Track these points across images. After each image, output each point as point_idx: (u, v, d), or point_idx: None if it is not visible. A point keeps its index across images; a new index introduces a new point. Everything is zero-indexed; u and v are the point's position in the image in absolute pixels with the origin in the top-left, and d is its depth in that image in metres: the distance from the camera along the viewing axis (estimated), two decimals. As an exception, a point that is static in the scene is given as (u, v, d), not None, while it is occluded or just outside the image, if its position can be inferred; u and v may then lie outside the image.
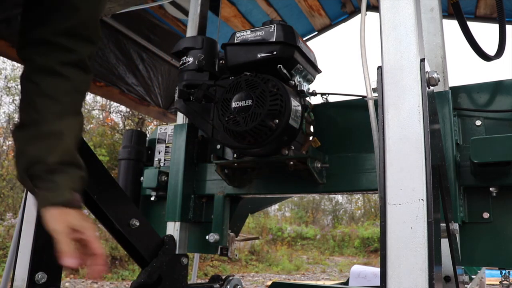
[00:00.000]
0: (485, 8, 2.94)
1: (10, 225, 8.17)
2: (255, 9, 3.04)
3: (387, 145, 0.83)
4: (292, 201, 17.64)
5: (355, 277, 4.81)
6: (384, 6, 0.91)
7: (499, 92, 1.33)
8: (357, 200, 17.91)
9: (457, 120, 1.33)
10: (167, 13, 2.92)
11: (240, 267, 10.47)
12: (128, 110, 11.59)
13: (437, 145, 0.98)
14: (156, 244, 1.53)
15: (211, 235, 1.63)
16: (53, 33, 1.05)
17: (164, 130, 1.93)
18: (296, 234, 14.86)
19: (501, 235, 1.22)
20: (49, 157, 1.01)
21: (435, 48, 1.41)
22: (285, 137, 1.34)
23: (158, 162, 1.88)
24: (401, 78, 0.85)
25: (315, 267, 11.86)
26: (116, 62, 2.81)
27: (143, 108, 3.13)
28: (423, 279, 0.74)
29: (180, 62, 1.60)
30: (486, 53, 1.52)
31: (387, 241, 0.78)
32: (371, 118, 1.04)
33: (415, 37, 0.86)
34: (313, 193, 1.67)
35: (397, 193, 0.79)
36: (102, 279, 7.37)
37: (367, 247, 14.03)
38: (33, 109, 1.04)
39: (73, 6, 1.05)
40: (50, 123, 1.04)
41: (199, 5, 1.96)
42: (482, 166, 1.15)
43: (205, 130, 1.48)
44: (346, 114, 1.55)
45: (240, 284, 1.54)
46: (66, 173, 1.02)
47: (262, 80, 1.30)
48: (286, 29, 1.40)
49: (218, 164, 1.53)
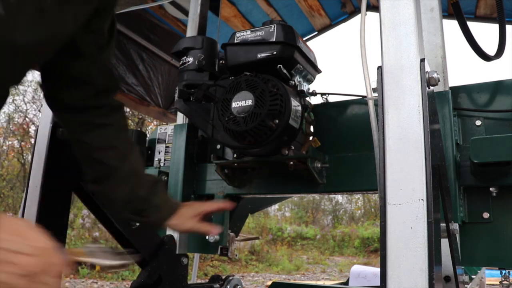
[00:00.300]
0: (485, 8, 2.94)
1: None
2: (255, 9, 3.04)
3: (387, 145, 0.83)
4: (292, 201, 17.63)
5: (355, 277, 4.81)
6: (384, 6, 0.91)
7: (499, 92, 1.33)
8: (357, 200, 17.91)
9: (457, 120, 1.33)
10: (167, 13, 2.92)
11: (240, 267, 10.47)
12: (128, 110, 11.58)
13: (437, 145, 0.98)
14: (156, 244, 1.53)
15: (211, 235, 1.63)
16: (82, 98, 1.12)
17: (164, 130, 1.93)
18: (296, 234, 14.85)
19: (501, 235, 1.22)
20: (139, 193, 1.17)
21: (435, 48, 1.41)
22: (285, 137, 1.34)
23: (158, 162, 1.88)
24: (401, 78, 0.85)
25: (315, 267, 11.86)
26: (116, 62, 2.81)
27: (143, 108, 3.13)
28: (423, 279, 0.74)
29: (180, 62, 1.60)
30: (486, 53, 1.51)
31: (387, 241, 0.78)
32: (371, 118, 1.04)
33: (415, 37, 0.86)
34: (313, 193, 1.67)
35: (397, 193, 0.79)
36: (102, 279, 7.37)
37: (367, 247, 14.02)
38: (99, 164, 1.15)
39: (91, 77, 1.10)
40: (121, 168, 1.16)
41: (199, 5, 1.96)
42: (482, 166, 1.15)
43: (205, 130, 1.48)
44: (346, 114, 1.55)
45: (240, 284, 1.54)
46: (155, 194, 1.20)
47: (262, 80, 1.31)
48: (286, 29, 1.40)
49: (218, 164, 1.53)
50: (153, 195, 1.19)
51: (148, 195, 1.18)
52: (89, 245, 1.16)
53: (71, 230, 7.85)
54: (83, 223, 8.33)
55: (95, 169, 1.17)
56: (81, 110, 1.12)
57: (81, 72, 1.07)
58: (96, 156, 1.14)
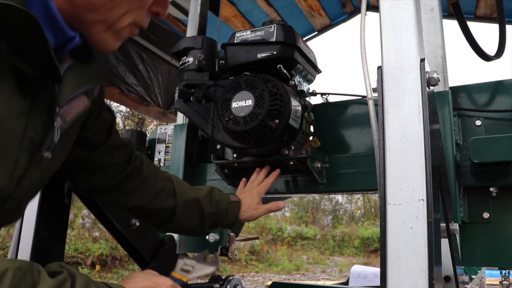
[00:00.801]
0: (485, 8, 2.94)
1: (10, 225, 8.16)
2: (255, 9, 3.04)
3: (387, 145, 0.83)
4: (292, 201, 17.63)
5: (355, 277, 4.81)
6: (384, 6, 0.91)
7: (499, 92, 1.33)
8: (357, 200, 17.92)
9: (457, 120, 1.33)
10: (167, 13, 2.91)
11: (240, 267, 10.47)
12: (128, 110, 11.59)
13: (437, 145, 0.98)
14: (156, 244, 1.53)
15: (211, 235, 1.63)
16: (111, 177, 1.15)
17: (164, 130, 1.93)
18: (296, 234, 14.86)
19: (501, 235, 1.22)
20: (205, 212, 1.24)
21: (435, 48, 1.41)
22: (285, 137, 1.34)
23: (158, 162, 1.88)
24: (401, 78, 0.85)
25: (315, 267, 11.86)
26: (116, 62, 2.82)
27: (143, 108, 3.13)
28: (423, 279, 0.74)
29: (180, 62, 1.60)
30: (486, 53, 1.51)
31: (387, 241, 0.78)
32: (371, 118, 1.04)
33: (415, 37, 0.86)
34: (313, 193, 1.67)
35: (397, 193, 0.79)
36: (102, 278, 7.37)
37: (367, 247, 14.03)
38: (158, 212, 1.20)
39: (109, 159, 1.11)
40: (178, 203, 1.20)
41: (199, 5, 1.96)
42: (482, 166, 1.15)
43: (205, 130, 1.48)
44: (346, 114, 1.55)
45: (240, 284, 1.54)
46: (217, 204, 1.26)
47: (262, 80, 1.30)
48: (286, 29, 1.40)
49: (218, 164, 1.53)
50: (216, 207, 1.26)
51: (212, 209, 1.25)
52: (182, 259, 1.26)
53: (71, 230, 7.85)
54: (83, 223, 8.33)
55: (157, 217, 1.22)
56: (116, 187, 1.14)
57: (99, 160, 1.08)
58: (152, 208, 1.19)
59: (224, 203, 1.28)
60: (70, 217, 5.15)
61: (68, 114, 0.81)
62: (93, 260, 7.62)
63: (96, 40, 0.81)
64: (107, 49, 0.84)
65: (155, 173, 1.22)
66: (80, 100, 0.85)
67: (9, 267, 0.61)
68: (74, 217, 8.26)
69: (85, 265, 7.43)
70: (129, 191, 1.16)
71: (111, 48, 0.84)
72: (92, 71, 0.88)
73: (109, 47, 0.83)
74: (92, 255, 7.63)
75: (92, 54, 0.89)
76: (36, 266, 0.66)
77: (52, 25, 0.73)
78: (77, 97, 0.83)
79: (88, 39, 0.80)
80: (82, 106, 0.86)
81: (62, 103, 0.79)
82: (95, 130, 1.03)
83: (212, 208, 1.25)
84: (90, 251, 7.67)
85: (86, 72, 0.86)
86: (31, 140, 0.75)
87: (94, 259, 7.63)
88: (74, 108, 0.83)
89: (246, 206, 1.32)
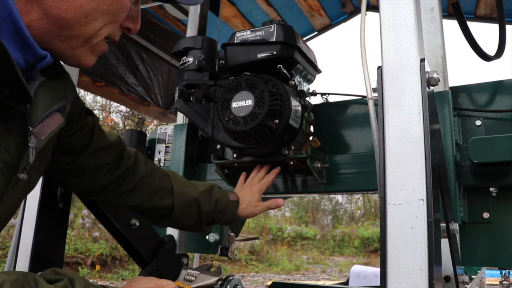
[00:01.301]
0: (485, 8, 2.94)
1: (10, 225, 8.16)
2: (255, 9, 3.04)
3: (387, 145, 0.83)
4: (292, 201, 17.63)
5: (355, 277, 4.81)
6: (384, 6, 0.91)
7: (499, 92, 1.33)
8: (357, 200, 17.90)
9: (457, 120, 1.33)
10: (167, 13, 2.92)
11: (240, 267, 10.47)
12: (128, 110, 11.59)
13: (437, 145, 0.98)
14: (156, 244, 1.53)
15: (211, 235, 1.63)
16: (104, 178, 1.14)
17: (164, 130, 1.93)
18: (296, 234, 14.85)
19: (501, 235, 1.22)
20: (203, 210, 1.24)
21: (435, 48, 1.41)
22: (285, 137, 1.34)
23: (158, 162, 1.88)
24: (401, 78, 0.85)
25: (315, 267, 11.86)
26: (116, 62, 2.81)
27: (143, 108, 3.13)
28: (423, 279, 0.74)
29: (180, 62, 1.60)
30: (486, 53, 1.51)
31: (387, 241, 0.78)
32: (371, 118, 1.04)
33: (415, 37, 0.86)
34: (313, 193, 1.67)
35: (397, 193, 0.79)
36: (102, 278, 7.37)
37: (367, 247, 14.02)
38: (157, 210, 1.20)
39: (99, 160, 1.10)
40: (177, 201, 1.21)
41: (199, 5, 1.96)
42: (482, 166, 1.15)
43: (205, 130, 1.48)
44: (346, 114, 1.55)
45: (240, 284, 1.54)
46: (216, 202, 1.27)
47: (262, 80, 1.31)
48: (286, 29, 1.40)
49: (218, 164, 1.53)
50: (215, 206, 1.26)
51: (210, 207, 1.25)
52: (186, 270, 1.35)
53: (71, 230, 7.86)
54: (83, 223, 8.33)
55: (155, 215, 1.23)
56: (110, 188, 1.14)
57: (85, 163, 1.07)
58: (149, 207, 1.19)
59: (223, 202, 1.28)
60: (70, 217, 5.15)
61: (42, 133, 0.78)
62: (93, 260, 7.62)
63: (71, 55, 0.78)
64: (82, 65, 0.82)
65: (152, 171, 1.21)
66: (54, 117, 0.82)
67: (5, 280, 0.60)
68: (74, 217, 8.27)
69: (85, 265, 7.43)
70: (126, 191, 1.15)
71: (86, 64, 0.82)
72: (64, 87, 0.85)
73: (84, 63, 0.81)
74: (92, 255, 7.63)
75: (63, 70, 0.87)
76: (31, 276, 0.65)
77: (21, 44, 0.70)
78: (50, 115, 0.80)
79: (63, 55, 0.78)
80: (56, 123, 0.82)
81: (35, 123, 0.76)
82: (76, 135, 1.01)
83: (210, 207, 1.25)
84: (90, 251, 7.67)
85: (58, 88, 0.84)
86: (4, 163, 0.73)
87: (94, 259, 7.63)
88: (48, 126, 0.80)
89: (246, 203, 1.33)
